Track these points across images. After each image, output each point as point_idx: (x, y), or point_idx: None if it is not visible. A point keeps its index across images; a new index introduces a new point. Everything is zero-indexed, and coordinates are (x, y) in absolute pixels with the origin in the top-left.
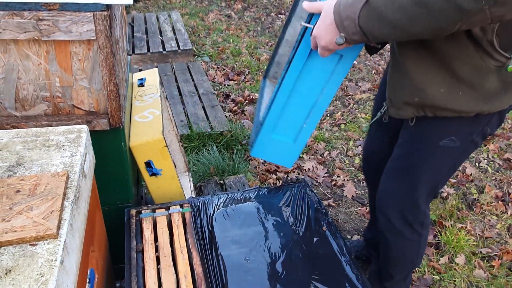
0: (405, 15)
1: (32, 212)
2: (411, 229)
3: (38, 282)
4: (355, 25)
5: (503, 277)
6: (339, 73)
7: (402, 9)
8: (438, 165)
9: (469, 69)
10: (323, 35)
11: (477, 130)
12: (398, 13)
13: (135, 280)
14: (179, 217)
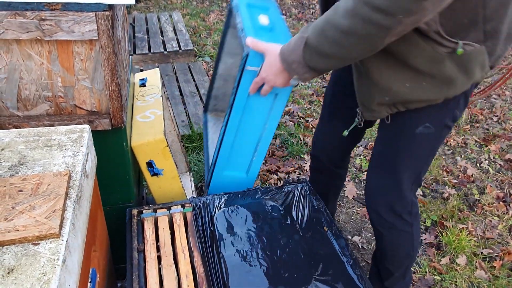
0: (340, 47)
1: (35, 211)
2: (402, 220)
3: (40, 281)
4: (304, 65)
5: (505, 278)
6: (277, 109)
7: (336, 43)
8: (418, 152)
9: (425, 61)
10: (273, 79)
11: (448, 114)
12: (334, 46)
13: (137, 280)
14: (181, 217)
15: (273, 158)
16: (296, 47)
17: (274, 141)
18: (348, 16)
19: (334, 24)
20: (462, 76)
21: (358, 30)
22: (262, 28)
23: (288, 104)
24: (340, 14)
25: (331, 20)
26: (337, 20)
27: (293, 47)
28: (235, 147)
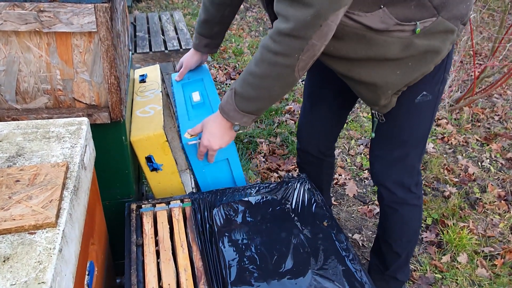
0: (261, 89)
1: (31, 201)
2: (411, 193)
3: (36, 269)
4: (239, 112)
5: (506, 276)
6: (232, 158)
7: (257, 87)
8: (420, 120)
9: (399, 49)
10: (217, 140)
11: (439, 79)
12: (256, 90)
13: (135, 273)
14: (180, 211)
15: (274, 157)
16: (229, 98)
17: (274, 140)
18: (259, 64)
19: (251, 72)
20: (440, 42)
21: (269, 73)
22: (195, 105)
23: (288, 103)
24: (253, 63)
25: (249, 70)
26: (252, 68)
27: (226, 99)
28: (209, 177)
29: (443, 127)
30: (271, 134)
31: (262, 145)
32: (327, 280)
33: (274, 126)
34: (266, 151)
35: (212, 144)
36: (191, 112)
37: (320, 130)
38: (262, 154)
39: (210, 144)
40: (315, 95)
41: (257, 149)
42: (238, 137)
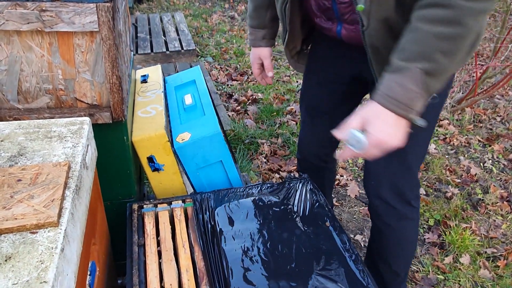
0: (459, 54)
1: (33, 200)
2: (411, 207)
3: (38, 269)
4: (425, 97)
5: (509, 277)
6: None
7: (455, 53)
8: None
9: None
10: (391, 139)
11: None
12: (455, 57)
13: (137, 274)
14: (181, 211)
15: (275, 157)
16: (409, 84)
17: (276, 140)
18: (458, 21)
19: (446, 36)
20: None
21: (470, 26)
22: (187, 108)
23: (290, 104)
24: (445, 25)
25: (439, 35)
26: (446, 31)
27: (409, 88)
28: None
29: (445, 128)
30: (273, 135)
31: (264, 146)
32: (330, 281)
33: (275, 127)
34: (268, 152)
35: (386, 142)
36: (183, 116)
37: (321, 141)
38: (263, 155)
39: (386, 141)
40: (313, 108)
41: (258, 150)
42: (239, 138)
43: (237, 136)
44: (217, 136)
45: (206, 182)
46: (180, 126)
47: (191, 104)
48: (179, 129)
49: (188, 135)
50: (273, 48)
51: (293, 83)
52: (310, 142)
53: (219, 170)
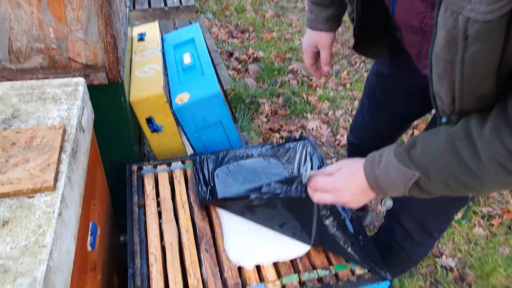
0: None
1: (29, 164)
2: (430, 237)
3: (36, 233)
4: (403, 192)
5: (502, 235)
6: (226, 121)
7: (464, 186)
8: None
9: None
10: (351, 199)
11: None
12: (458, 187)
13: (138, 233)
14: (181, 173)
15: (276, 117)
16: (397, 180)
17: (277, 100)
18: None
19: (462, 177)
20: None
21: (487, 187)
22: (186, 68)
23: (291, 63)
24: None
25: (458, 171)
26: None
27: (392, 179)
28: (202, 136)
29: None
30: (274, 94)
31: (264, 105)
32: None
33: (276, 86)
34: (268, 111)
35: (342, 197)
36: (182, 76)
37: (376, 135)
38: (264, 115)
39: (341, 196)
40: (378, 98)
41: (259, 110)
42: (239, 97)
43: (238, 96)
44: (216, 97)
45: (205, 143)
46: (179, 86)
47: (190, 64)
48: (178, 89)
49: (187, 96)
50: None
51: (295, 41)
52: (365, 133)
53: (219, 131)
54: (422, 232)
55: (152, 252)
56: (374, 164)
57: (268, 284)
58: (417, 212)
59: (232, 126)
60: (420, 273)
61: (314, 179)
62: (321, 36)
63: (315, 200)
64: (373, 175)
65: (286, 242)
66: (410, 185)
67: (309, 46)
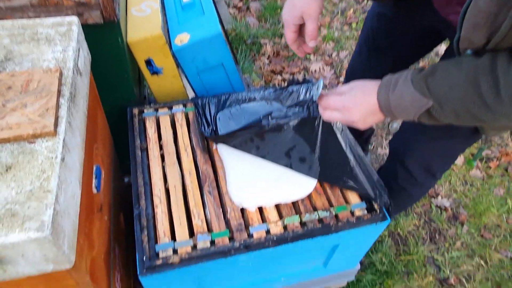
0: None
1: (27, 109)
2: (433, 178)
3: (40, 178)
4: (412, 118)
5: (498, 177)
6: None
7: (474, 117)
8: None
9: None
10: (360, 118)
11: None
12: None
13: (141, 176)
14: (182, 116)
15: (278, 58)
16: (410, 106)
17: (279, 41)
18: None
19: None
20: None
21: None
22: (185, 6)
23: None
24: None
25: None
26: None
27: (405, 105)
28: (203, 79)
29: None
30: (276, 35)
31: (266, 46)
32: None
33: (279, 26)
34: (270, 52)
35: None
36: (181, 15)
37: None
38: (266, 56)
39: (351, 119)
40: (380, 42)
41: (261, 51)
42: (241, 38)
43: (239, 36)
44: (217, 38)
45: (207, 86)
46: (178, 26)
47: (189, 2)
48: (177, 29)
49: (187, 37)
50: None
51: None
52: (363, 75)
53: (220, 73)
54: (426, 173)
55: (157, 194)
56: (389, 88)
57: (270, 225)
58: (423, 155)
59: (234, 68)
60: (415, 212)
61: (326, 98)
62: (309, 3)
63: (325, 118)
64: (386, 99)
65: (288, 185)
66: (422, 112)
67: (292, 17)
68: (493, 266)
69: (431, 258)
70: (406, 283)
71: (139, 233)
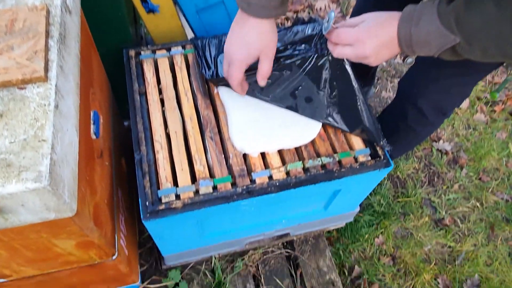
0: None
1: (14, 52)
2: (444, 116)
3: (33, 127)
4: (433, 54)
5: (502, 121)
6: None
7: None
8: None
9: None
10: (375, 52)
11: None
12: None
13: (141, 121)
14: (182, 59)
15: None
16: (434, 42)
17: None
18: None
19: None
20: None
21: None
22: None
23: None
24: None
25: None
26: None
27: (428, 41)
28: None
29: None
30: None
31: None
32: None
33: None
34: None
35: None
36: None
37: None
38: None
39: (364, 54)
40: None
41: None
42: None
43: None
44: None
45: (206, 26)
46: None
47: None
48: None
49: None
50: None
51: None
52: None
53: (221, 12)
54: (438, 112)
55: (157, 139)
56: (411, 22)
57: (273, 170)
58: (437, 95)
59: (235, 6)
60: (416, 156)
61: (336, 32)
62: (267, 43)
63: (335, 55)
64: (407, 33)
65: (292, 131)
66: (445, 49)
67: (247, 57)
68: (488, 207)
69: (428, 200)
70: (402, 223)
71: (141, 179)
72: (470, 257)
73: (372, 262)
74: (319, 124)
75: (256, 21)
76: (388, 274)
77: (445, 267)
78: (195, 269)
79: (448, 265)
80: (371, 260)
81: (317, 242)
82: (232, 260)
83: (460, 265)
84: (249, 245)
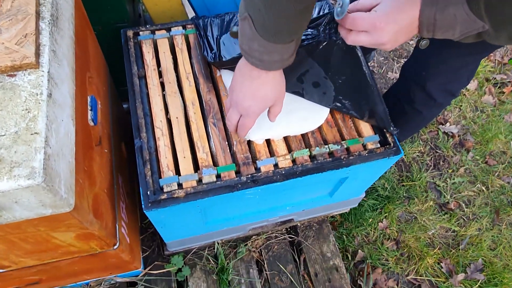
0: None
1: (2, 36)
2: (452, 97)
3: (25, 118)
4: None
5: (511, 103)
6: None
7: None
8: None
9: None
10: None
11: None
12: None
13: (141, 107)
14: (183, 39)
15: None
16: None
17: None
18: None
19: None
20: None
21: None
22: None
23: None
24: None
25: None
26: None
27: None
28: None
29: None
30: None
31: None
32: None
33: None
34: None
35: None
36: None
37: None
38: None
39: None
40: None
41: None
42: None
43: None
44: None
45: (208, 4)
46: None
47: None
48: None
49: None
50: None
51: None
52: None
53: None
54: (446, 94)
55: (158, 126)
56: (435, 6)
57: (279, 158)
58: (446, 77)
59: None
60: (421, 139)
61: (352, 17)
62: (280, 91)
63: (348, 42)
64: (432, 17)
65: (298, 117)
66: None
67: (263, 108)
68: (494, 191)
69: (433, 184)
70: (406, 207)
71: (142, 167)
72: (474, 242)
73: (375, 246)
74: (326, 110)
75: (269, 74)
76: (391, 259)
77: (449, 252)
78: (197, 255)
79: (451, 250)
80: (375, 245)
81: (321, 227)
82: (235, 246)
83: (464, 250)
84: (252, 230)
